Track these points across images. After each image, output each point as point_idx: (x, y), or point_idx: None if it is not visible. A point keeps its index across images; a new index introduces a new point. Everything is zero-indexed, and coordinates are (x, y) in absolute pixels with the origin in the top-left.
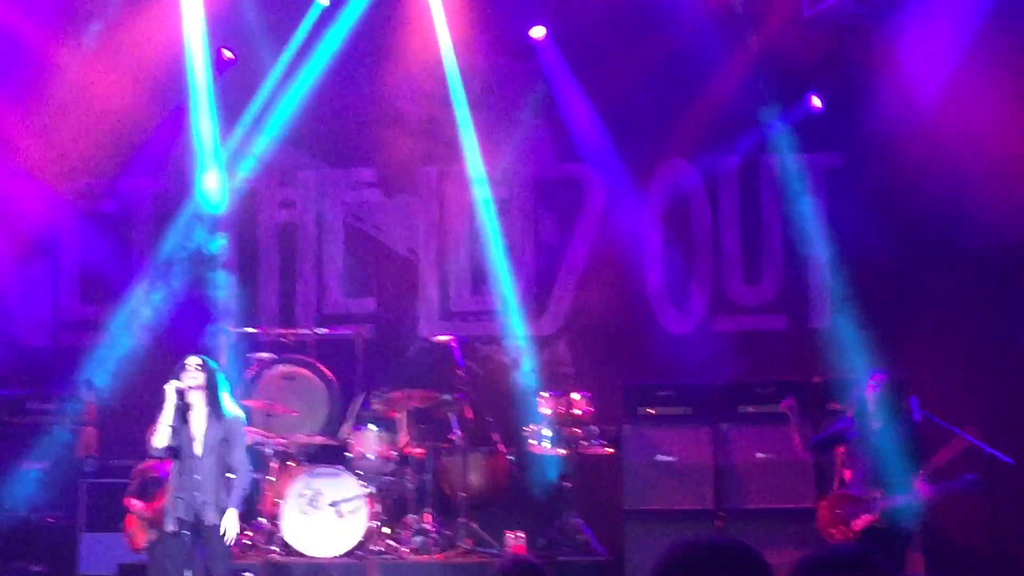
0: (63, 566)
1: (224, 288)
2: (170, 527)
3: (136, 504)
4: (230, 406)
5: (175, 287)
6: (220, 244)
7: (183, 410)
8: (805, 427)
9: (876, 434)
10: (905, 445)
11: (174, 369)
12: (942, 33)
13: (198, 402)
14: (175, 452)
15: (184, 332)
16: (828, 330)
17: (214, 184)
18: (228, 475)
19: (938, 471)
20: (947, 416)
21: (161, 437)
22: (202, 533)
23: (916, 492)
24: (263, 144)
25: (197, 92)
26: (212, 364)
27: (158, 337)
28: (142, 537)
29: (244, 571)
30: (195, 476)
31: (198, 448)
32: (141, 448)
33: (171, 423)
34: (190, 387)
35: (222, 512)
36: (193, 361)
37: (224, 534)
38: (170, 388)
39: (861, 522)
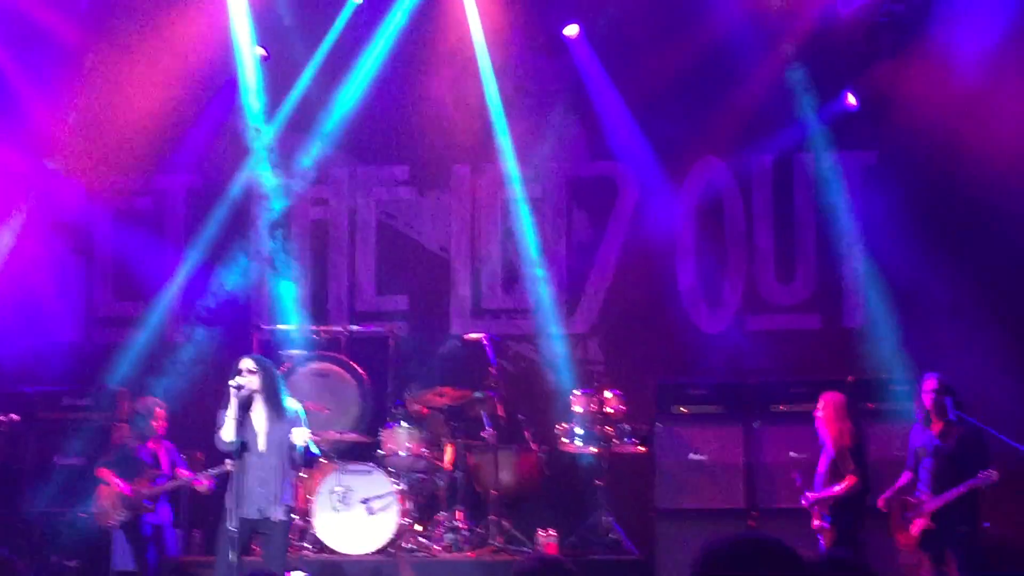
0: (96, 561)
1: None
2: (232, 525)
3: (116, 482)
4: (290, 401)
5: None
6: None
7: (245, 407)
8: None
9: (936, 439)
10: (961, 448)
11: (232, 368)
12: (977, 29)
13: (258, 400)
14: (244, 447)
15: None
16: (862, 329)
17: (267, 181)
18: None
19: None
20: (982, 416)
21: (228, 431)
22: (264, 529)
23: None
24: (317, 150)
25: (247, 87)
26: (266, 363)
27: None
28: (114, 516)
29: (294, 569)
30: (259, 473)
31: (261, 444)
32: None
33: (235, 418)
34: (248, 387)
35: (285, 508)
36: (246, 364)
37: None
38: (232, 385)
39: (916, 527)
